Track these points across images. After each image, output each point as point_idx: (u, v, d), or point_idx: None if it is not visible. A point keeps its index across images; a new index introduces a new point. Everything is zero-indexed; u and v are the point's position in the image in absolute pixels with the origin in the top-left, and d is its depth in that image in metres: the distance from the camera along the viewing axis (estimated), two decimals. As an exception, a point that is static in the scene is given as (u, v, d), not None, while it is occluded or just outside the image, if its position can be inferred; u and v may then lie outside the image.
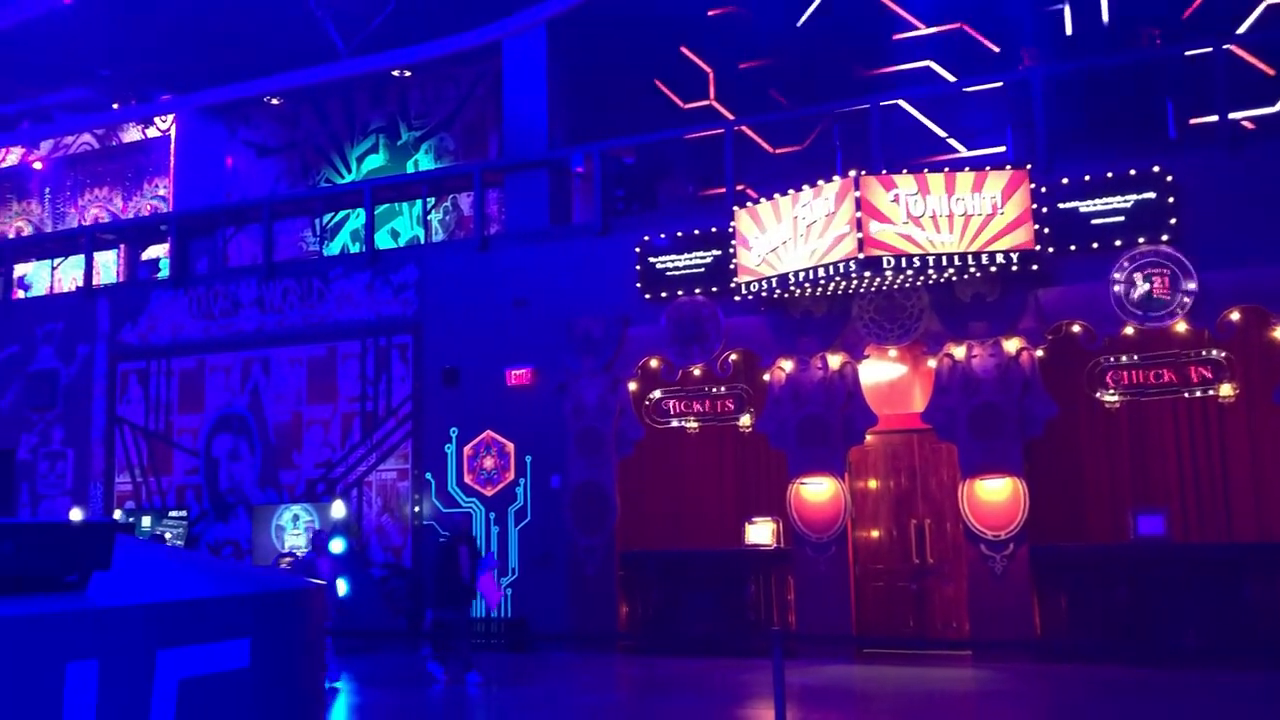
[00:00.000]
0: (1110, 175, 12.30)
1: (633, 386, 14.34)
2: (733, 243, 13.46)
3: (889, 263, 12.06)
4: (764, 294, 13.14)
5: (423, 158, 19.35)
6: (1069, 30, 14.78)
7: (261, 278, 16.86)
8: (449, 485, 15.13)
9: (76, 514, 17.16)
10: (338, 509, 15.31)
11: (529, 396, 14.82)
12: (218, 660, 3.37)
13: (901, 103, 14.78)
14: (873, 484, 13.77)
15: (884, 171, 12.55)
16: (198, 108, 19.52)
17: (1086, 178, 12.37)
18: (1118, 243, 12.18)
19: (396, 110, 19.61)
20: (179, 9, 17.72)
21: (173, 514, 16.60)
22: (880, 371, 13.62)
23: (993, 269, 12.17)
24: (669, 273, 14.18)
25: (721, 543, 14.02)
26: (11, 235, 22.47)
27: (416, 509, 15.28)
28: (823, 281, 12.52)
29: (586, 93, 16.91)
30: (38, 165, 22.81)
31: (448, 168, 18.32)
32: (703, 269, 13.98)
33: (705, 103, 17.02)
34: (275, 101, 19.69)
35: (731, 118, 14.90)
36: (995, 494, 12.40)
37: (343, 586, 14.21)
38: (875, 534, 13.65)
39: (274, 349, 16.55)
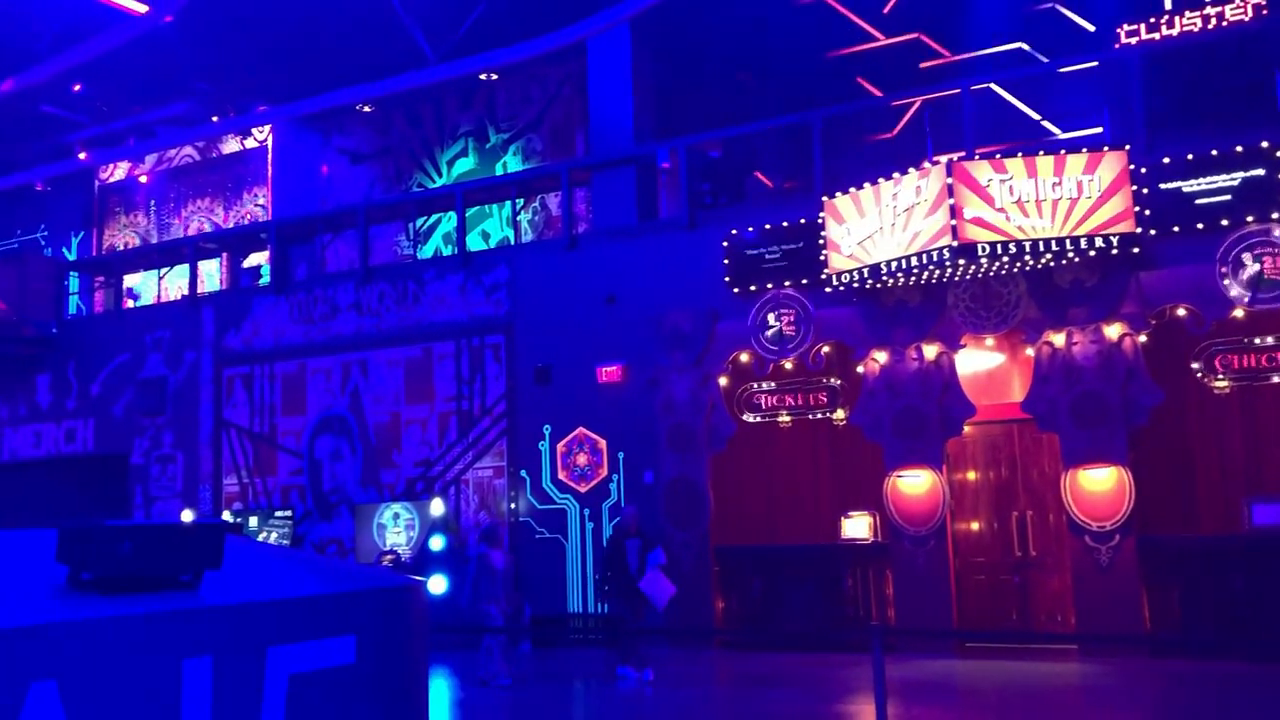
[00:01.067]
0: (1215, 153, 11.87)
1: (723, 381, 14.30)
2: (822, 233, 13.34)
3: (984, 250, 11.83)
4: (855, 284, 12.99)
5: (511, 159, 19.55)
6: (1168, 4, 14.29)
7: (358, 282, 17.22)
8: (543, 482, 15.29)
9: (187, 515, 17.75)
10: (436, 507, 15.57)
11: (620, 393, 14.89)
12: (325, 656, 3.45)
13: (993, 86, 14.48)
14: (972, 476, 13.52)
15: (975, 157, 12.31)
16: (293, 118, 20.03)
17: (1189, 156, 11.96)
18: (1224, 222, 11.75)
19: (485, 113, 19.85)
20: (273, 23, 18.19)
21: (278, 514, 17.07)
22: (978, 361, 13.37)
23: (1091, 253, 11.84)
24: (758, 266, 14.10)
25: (817, 537, 13.91)
26: (120, 247, 23.34)
27: (513, 505, 15.47)
28: (916, 270, 12.34)
29: (672, 87, 16.90)
30: (143, 179, 23.66)
31: (535, 168, 18.49)
32: (792, 261, 13.87)
33: (791, 93, 16.86)
34: (367, 109, 20.10)
35: (818, 108, 14.75)
36: (1099, 484, 12.07)
37: (441, 583, 14.49)
38: (975, 526, 13.40)
39: (372, 351, 16.90)
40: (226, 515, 17.40)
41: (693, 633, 13.88)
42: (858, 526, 13.52)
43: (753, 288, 14.08)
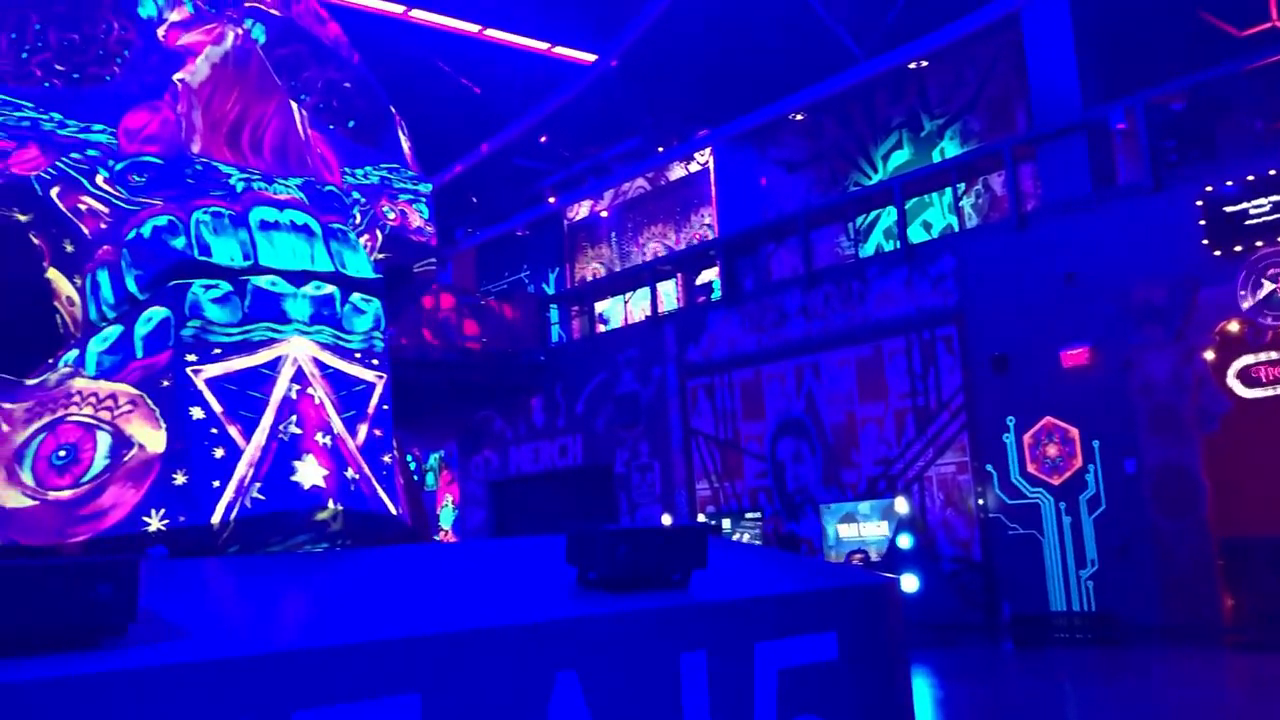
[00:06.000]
0: None
1: (1210, 355, 12.88)
2: (1320, 177, 11.64)
3: None
4: (1369, 231, 11.19)
5: (948, 144, 19.01)
6: None
7: (803, 287, 17.56)
8: (1011, 476, 14.64)
9: (666, 519, 19.01)
10: (900, 505, 15.45)
11: (1088, 377, 13.91)
12: (809, 652, 3.55)
13: None
14: None
15: None
16: (730, 137, 20.89)
17: None
18: None
19: (916, 102, 19.48)
20: (704, 50, 19.14)
21: (748, 515, 17.79)
22: None
23: None
24: (1242, 223, 12.58)
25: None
26: (589, 278, 25.60)
27: (980, 501, 14.96)
28: None
29: (1120, 42, 15.57)
30: (603, 214, 25.82)
31: (975, 150, 17.82)
32: (1284, 213, 12.23)
33: (1267, 25, 14.92)
34: (799, 117, 20.46)
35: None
36: None
37: (913, 581, 14.36)
38: None
39: (823, 353, 17.14)
40: (701, 518, 18.42)
41: (1193, 631, 12.61)
42: (1398, 511, 11.58)
43: (1238, 248, 12.58)
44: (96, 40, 5.01)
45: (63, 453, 4.08)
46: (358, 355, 4.30)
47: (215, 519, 3.80)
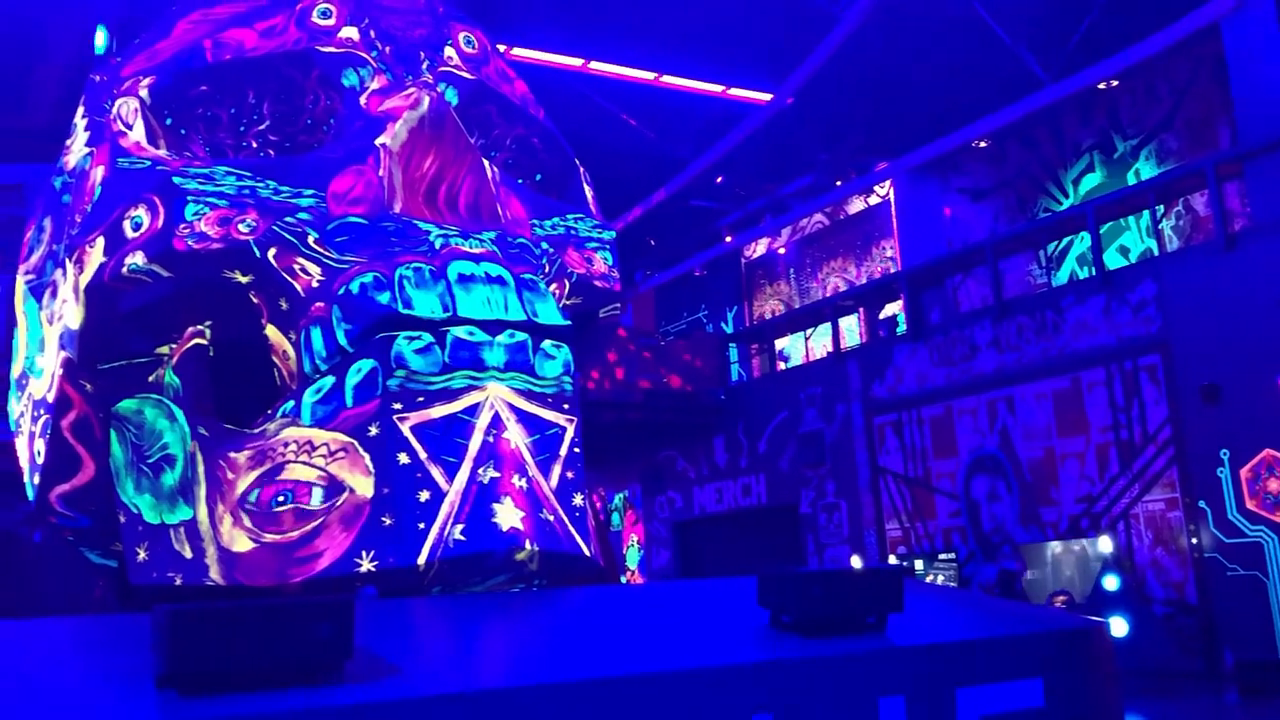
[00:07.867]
0: None
1: None
2: None
3: None
4: None
5: (1143, 165, 18.15)
6: None
7: (994, 318, 17.00)
8: (1228, 513, 13.71)
9: (856, 561, 18.62)
10: (1105, 544, 14.69)
11: (1313, 405, 12.92)
12: (1013, 699, 3.43)
13: None
14: None
15: None
16: (911, 168, 20.55)
17: None
18: None
19: (1107, 123, 18.71)
20: (881, 83, 18.93)
21: (941, 556, 17.22)
22: None
23: None
24: None
25: None
26: (768, 315, 25.53)
27: (1194, 540, 14.06)
28: None
29: (1333, 47, 14.59)
30: (781, 250, 25.76)
31: (1173, 169, 16.95)
32: None
33: None
34: (982, 144, 19.96)
35: None
36: None
37: (1122, 625, 13.61)
38: None
39: (1016, 387, 16.52)
40: (892, 559, 17.96)
41: None
42: None
43: None
44: (305, 110, 5.39)
45: (281, 498, 4.35)
46: (549, 399, 4.43)
47: (421, 560, 3.97)
